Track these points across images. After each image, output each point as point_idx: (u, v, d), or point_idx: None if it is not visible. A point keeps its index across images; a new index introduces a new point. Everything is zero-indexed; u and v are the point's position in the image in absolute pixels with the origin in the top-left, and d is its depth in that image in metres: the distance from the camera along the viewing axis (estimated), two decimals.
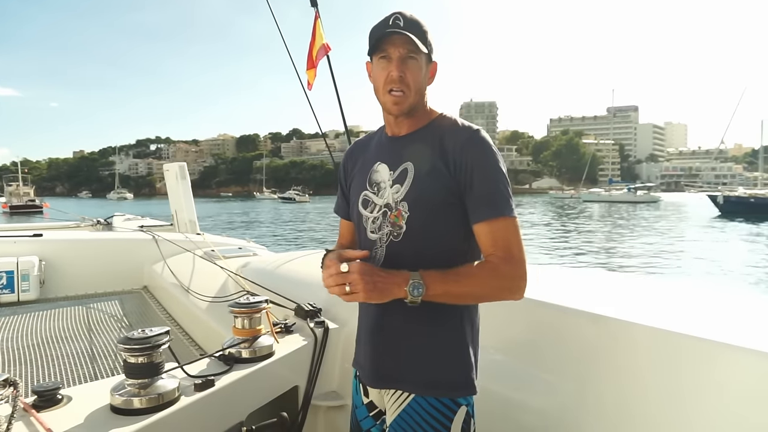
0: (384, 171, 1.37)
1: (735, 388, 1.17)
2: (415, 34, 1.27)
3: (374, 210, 1.37)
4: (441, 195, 1.28)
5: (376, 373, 1.38)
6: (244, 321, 1.79)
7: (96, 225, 6.76)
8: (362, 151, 1.50)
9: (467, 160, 1.26)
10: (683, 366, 1.26)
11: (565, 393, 1.49)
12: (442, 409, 1.29)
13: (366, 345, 1.42)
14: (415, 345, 1.32)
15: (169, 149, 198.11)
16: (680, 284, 1.94)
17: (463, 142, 1.28)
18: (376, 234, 1.36)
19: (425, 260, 1.28)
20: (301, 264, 3.30)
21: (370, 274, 1.19)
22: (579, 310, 1.48)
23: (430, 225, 1.29)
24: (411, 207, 1.30)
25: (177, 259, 4.36)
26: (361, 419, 1.47)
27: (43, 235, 4.77)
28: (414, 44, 1.26)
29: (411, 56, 1.28)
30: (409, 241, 1.31)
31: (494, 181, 1.25)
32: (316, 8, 3.65)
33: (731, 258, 17.43)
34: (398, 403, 1.33)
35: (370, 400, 1.45)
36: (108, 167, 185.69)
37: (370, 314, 1.41)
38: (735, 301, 1.70)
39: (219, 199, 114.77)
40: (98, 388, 1.47)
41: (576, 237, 24.57)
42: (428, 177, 1.29)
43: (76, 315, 3.74)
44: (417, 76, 1.30)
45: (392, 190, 1.34)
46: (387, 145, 1.41)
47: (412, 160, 1.32)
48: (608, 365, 1.42)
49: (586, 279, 2.02)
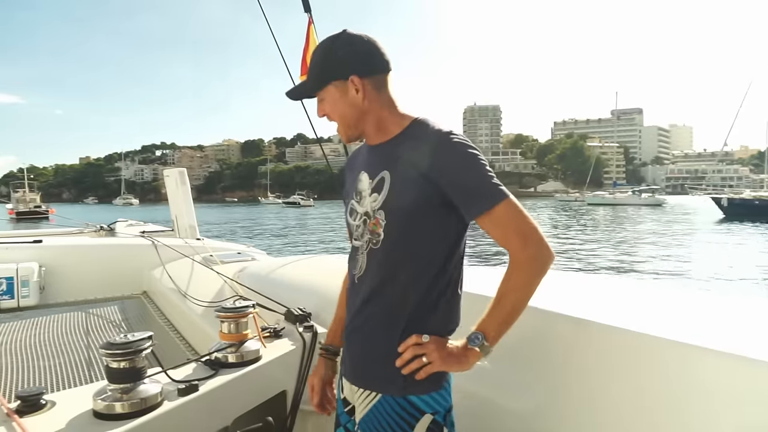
0: (365, 180, 1.40)
1: (713, 392, 1.17)
2: (309, 75, 1.39)
3: (356, 218, 1.41)
4: (417, 201, 1.28)
5: (352, 372, 1.43)
6: (231, 325, 1.80)
7: (99, 231, 6.78)
8: (354, 161, 1.54)
9: (441, 163, 1.26)
10: (661, 369, 1.26)
11: (545, 395, 1.49)
12: (409, 409, 1.29)
13: (346, 344, 1.48)
14: (386, 348, 1.33)
15: (174, 155, 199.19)
16: (669, 288, 1.94)
17: (433, 147, 1.27)
18: (359, 241, 1.39)
19: (404, 266, 1.31)
20: (296, 268, 3.31)
21: (444, 343, 1.28)
22: (559, 313, 1.49)
23: (407, 232, 1.31)
24: (387, 215, 1.31)
25: (176, 265, 4.37)
26: (339, 413, 1.52)
27: (43, 241, 4.81)
28: (306, 93, 1.42)
29: (320, 97, 1.39)
30: (387, 248, 1.33)
31: (475, 173, 1.25)
32: (310, 14, 3.66)
33: (732, 262, 17.32)
34: (366, 402, 1.35)
35: (344, 395, 1.48)
36: (114, 173, 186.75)
37: (348, 317, 1.47)
38: (725, 304, 1.69)
39: (224, 204, 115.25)
40: (81, 393, 1.48)
41: (581, 241, 24.48)
42: (403, 185, 1.30)
43: (75, 320, 3.76)
44: (335, 107, 1.37)
45: (370, 198, 1.36)
46: (367, 155, 1.44)
47: (388, 168, 1.34)
48: (588, 368, 1.42)
49: (569, 282, 2.02)
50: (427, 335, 1.27)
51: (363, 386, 1.37)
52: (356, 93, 1.34)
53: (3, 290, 4.11)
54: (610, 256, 18.81)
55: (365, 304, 1.37)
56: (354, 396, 1.41)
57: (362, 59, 1.34)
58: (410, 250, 1.31)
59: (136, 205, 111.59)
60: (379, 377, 1.34)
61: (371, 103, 1.36)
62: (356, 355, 1.42)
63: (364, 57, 1.35)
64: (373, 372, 1.36)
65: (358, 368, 1.41)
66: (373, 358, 1.35)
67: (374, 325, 1.36)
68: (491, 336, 1.24)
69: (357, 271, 1.40)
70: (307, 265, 3.40)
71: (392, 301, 1.33)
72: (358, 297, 1.40)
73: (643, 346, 1.30)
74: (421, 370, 1.27)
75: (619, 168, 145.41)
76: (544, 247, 1.23)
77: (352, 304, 1.44)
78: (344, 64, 1.33)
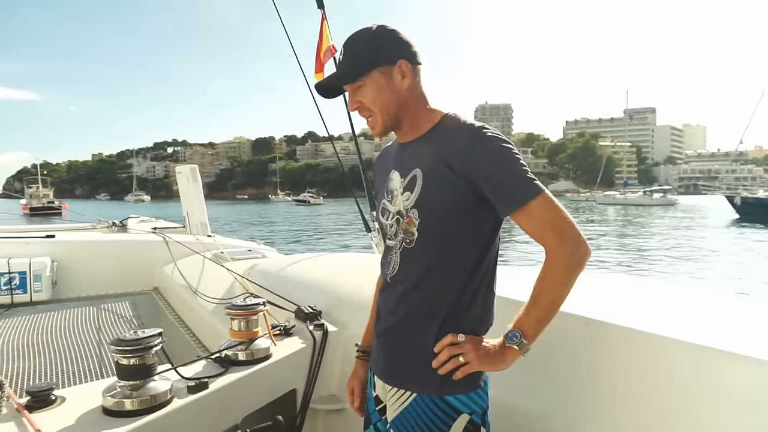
0: (396, 179, 1.38)
1: (731, 396, 1.15)
2: (348, 62, 1.31)
3: (389, 218, 1.39)
4: (450, 199, 1.26)
5: (385, 370, 1.40)
6: (241, 323, 1.79)
7: (111, 227, 6.83)
8: (384, 160, 1.51)
9: (473, 158, 1.22)
10: (674, 371, 1.24)
11: (558, 397, 1.47)
12: (447, 409, 1.27)
13: (378, 343, 1.45)
14: (422, 347, 1.30)
15: (185, 152, 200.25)
16: (679, 288, 1.90)
17: (464, 142, 1.24)
18: (392, 241, 1.38)
19: (438, 265, 1.29)
20: (307, 266, 3.29)
21: (480, 342, 1.25)
22: (570, 313, 1.45)
23: (442, 230, 1.28)
24: (421, 213, 1.29)
25: (187, 261, 4.38)
26: (371, 412, 1.49)
27: (56, 236, 4.84)
28: (347, 77, 1.32)
29: (358, 85, 1.32)
30: (421, 247, 1.30)
31: (509, 168, 1.22)
32: (323, 10, 3.64)
33: (745, 263, 17.11)
34: (400, 402, 1.33)
35: (376, 393, 1.46)
36: (126, 170, 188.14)
37: (381, 317, 1.44)
38: (736, 305, 1.66)
39: (234, 201, 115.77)
40: (92, 389, 1.47)
41: (591, 240, 24.30)
42: (435, 182, 1.27)
43: (86, 315, 3.78)
44: (374, 95, 1.31)
45: (403, 197, 1.34)
46: (398, 153, 1.41)
47: (420, 166, 1.31)
48: (601, 370, 1.40)
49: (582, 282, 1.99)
50: (463, 335, 1.25)
51: (397, 385, 1.34)
52: (401, 79, 1.31)
53: (16, 284, 4.15)
54: (618, 254, 18.69)
55: (399, 303, 1.36)
56: (387, 395, 1.39)
57: (408, 47, 1.33)
58: (445, 248, 1.29)
59: (148, 202, 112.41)
60: (415, 377, 1.31)
61: (411, 93, 1.33)
62: (390, 353, 1.38)
63: (409, 45, 1.33)
64: (408, 371, 1.33)
65: (393, 367, 1.37)
66: (408, 357, 1.32)
67: (409, 324, 1.33)
68: (530, 334, 1.20)
69: (390, 270, 1.38)
70: (317, 263, 3.38)
71: (427, 300, 1.30)
72: (391, 297, 1.38)
73: (658, 348, 1.28)
74: (458, 371, 1.24)
75: (630, 168, 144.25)
76: (581, 242, 1.20)
77: (385, 304, 1.42)
78: (392, 50, 1.31)
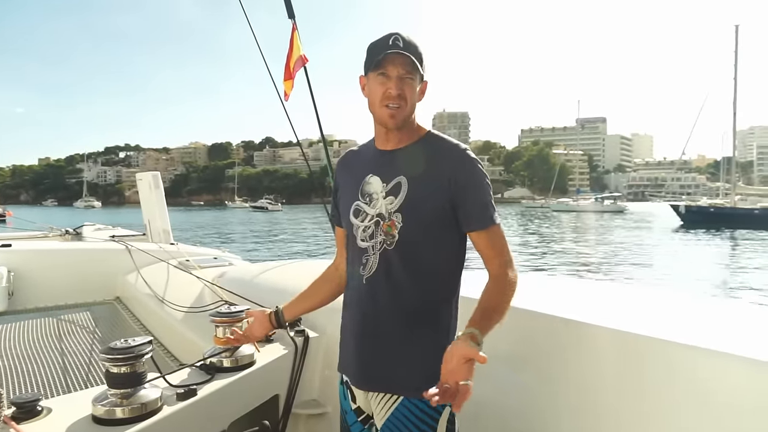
0: (376, 183, 1.44)
1: (704, 389, 1.23)
2: (413, 56, 1.35)
3: (365, 219, 1.44)
4: (433, 207, 1.37)
5: (366, 377, 1.44)
6: (225, 330, 1.80)
7: (64, 235, 6.61)
8: (353, 163, 1.56)
9: (461, 176, 1.37)
10: (645, 366, 1.33)
11: (537, 394, 1.55)
12: (429, 410, 1.34)
13: (353, 349, 1.47)
14: (404, 349, 1.37)
15: (138, 157, 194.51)
16: (641, 290, 2.03)
17: (454, 160, 1.39)
18: (367, 242, 1.43)
19: (418, 266, 1.38)
20: (279, 273, 3.30)
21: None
22: (551, 314, 1.55)
23: (422, 234, 1.38)
24: (405, 218, 1.37)
25: (151, 269, 4.30)
26: (351, 424, 1.51)
27: (12, 245, 4.67)
28: (413, 65, 1.35)
29: (408, 76, 1.36)
30: (401, 250, 1.38)
31: (485, 194, 1.39)
32: (294, 20, 3.67)
33: (689, 267, 17.95)
34: (387, 407, 1.38)
35: (357, 405, 1.49)
36: (75, 175, 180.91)
37: (356, 319, 1.47)
38: (697, 305, 1.78)
39: (190, 207, 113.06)
40: (79, 399, 1.46)
41: (546, 245, 24.97)
42: (422, 191, 1.38)
43: (46, 327, 3.66)
44: (412, 93, 1.39)
45: (386, 201, 1.41)
46: (378, 158, 1.47)
47: (406, 174, 1.40)
48: (578, 367, 1.48)
49: (556, 285, 2.10)
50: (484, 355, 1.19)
51: (382, 390, 1.39)
52: (421, 95, 1.45)
53: None
54: (571, 259, 19.29)
55: (376, 305, 1.41)
56: (370, 403, 1.43)
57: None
58: (425, 252, 1.38)
59: (99, 208, 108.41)
60: (399, 380, 1.37)
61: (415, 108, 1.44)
62: (368, 358, 1.43)
63: None
64: (390, 375, 1.38)
65: (373, 372, 1.42)
66: (389, 360, 1.38)
67: (391, 327, 1.39)
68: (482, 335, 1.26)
69: (366, 271, 1.43)
70: (289, 270, 3.39)
71: (408, 303, 1.37)
72: (368, 297, 1.43)
73: (627, 343, 1.37)
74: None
75: (582, 175, 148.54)
76: (515, 271, 1.38)
77: (362, 304, 1.45)
78: (426, 69, 1.41)
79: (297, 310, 1.76)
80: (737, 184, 44.42)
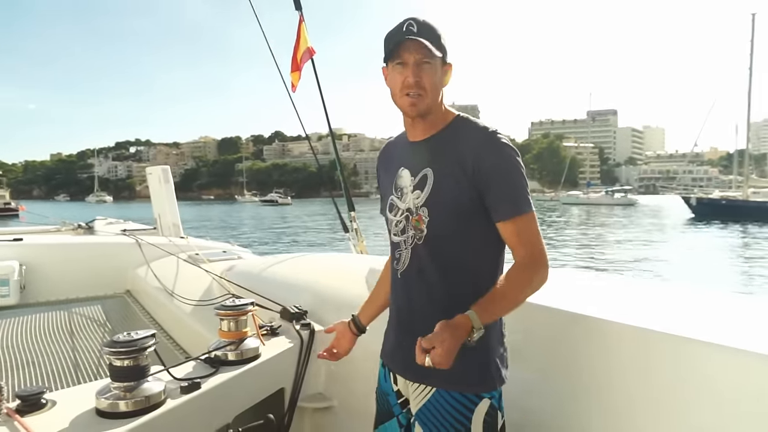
0: (406, 176, 1.42)
1: (718, 385, 1.20)
2: (429, 39, 1.30)
3: (397, 214, 1.43)
4: (460, 200, 1.31)
5: (403, 366, 1.43)
6: (230, 323, 1.80)
7: (77, 229, 6.66)
8: (390, 155, 1.55)
9: (484, 162, 1.29)
10: (658, 362, 1.29)
11: (545, 389, 1.52)
12: (464, 401, 1.32)
13: (393, 339, 1.48)
14: None
15: (149, 152, 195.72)
16: (655, 285, 1.99)
17: (479, 145, 1.31)
18: (400, 237, 1.43)
19: (446, 261, 1.35)
20: (286, 267, 3.30)
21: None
22: (564, 310, 1.51)
23: (450, 229, 1.34)
24: (431, 212, 1.34)
25: (161, 263, 4.33)
26: (392, 405, 1.50)
27: (24, 239, 4.71)
28: (427, 49, 1.29)
29: (426, 61, 1.31)
30: (430, 244, 1.36)
31: (513, 180, 1.30)
32: (301, 12, 3.66)
33: (700, 260, 17.77)
34: (422, 396, 1.37)
35: (398, 388, 1.48)
36: (86, 170, 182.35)
37: (393, 313, 1.48)
38: (710, 300, 1.74)
39: (200, 202, 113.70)
40: (83, 391, 1.46)
41: (556, 240, 24.84)
42: (447, 183, 1.33)
43: (58, 320, 3.70)
44: (432, 79, 1.33)
45: (413, 195, 1.38)
46: (408, 150, 1.44)
47: (432, 166, 1.36)
48: (594, 364, 1.44)
49: (565, 278, 2.06)
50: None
51: (419, 381, 1.38)
52: (446, 78, 1.38)
53: None
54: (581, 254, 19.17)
55: (410, 298, 1.40)
56: (408, 389, 1.42)
57: None
58: (455, 246, 1.34)
59: (110, 203, 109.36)
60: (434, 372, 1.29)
61: (442, 92, 1.39)
62: (407, 350, 1.35)
63: None
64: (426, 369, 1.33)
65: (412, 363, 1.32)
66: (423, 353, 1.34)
67: (423, 322, 1.32)
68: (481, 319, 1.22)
69: (400, 266, 1.42)
70: (297, 263, 3.39)
71: (438, 298, 1.35)
72: (403, 292, 1.43)
73: (647, 340, 1.33)
74: None
75: (593, 168, 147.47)
76: (546, 264, 1.30)
77: (397, 298, 1.47)
78: (449, 50, 1.37)
79: (370, 314, 1.70)
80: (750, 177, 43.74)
